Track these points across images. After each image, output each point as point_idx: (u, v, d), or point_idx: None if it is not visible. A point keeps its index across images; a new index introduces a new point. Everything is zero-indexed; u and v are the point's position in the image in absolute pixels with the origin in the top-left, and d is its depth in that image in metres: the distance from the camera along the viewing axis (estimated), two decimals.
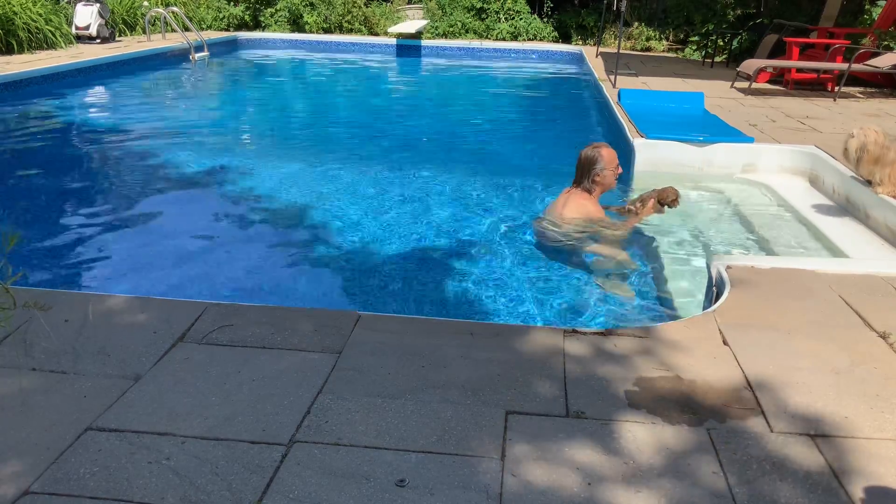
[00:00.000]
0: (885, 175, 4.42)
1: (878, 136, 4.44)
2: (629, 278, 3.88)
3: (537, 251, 4.17)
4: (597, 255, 4.03)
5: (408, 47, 14.52)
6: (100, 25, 12.07)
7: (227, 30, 15.56)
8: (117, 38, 12.91)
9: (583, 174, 4.19)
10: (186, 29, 12.77)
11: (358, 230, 4.60)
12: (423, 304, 3.65)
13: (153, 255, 4.21)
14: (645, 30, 14.78)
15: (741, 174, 5.80)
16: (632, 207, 4.38)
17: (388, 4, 16.18)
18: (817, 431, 2.08)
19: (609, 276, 3.88)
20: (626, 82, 9.20)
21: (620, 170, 4.26)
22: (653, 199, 4.30)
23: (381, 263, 4.12)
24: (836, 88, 8.95)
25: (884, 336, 2.64)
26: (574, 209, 4.12)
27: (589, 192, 4.19)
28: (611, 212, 4.41)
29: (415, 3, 16.52)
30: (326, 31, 15.35)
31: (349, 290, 3.87)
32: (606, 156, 4.15)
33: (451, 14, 15.48)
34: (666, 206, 4.31)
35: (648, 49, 14.57)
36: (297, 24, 15.42)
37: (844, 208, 4.92)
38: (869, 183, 4.64)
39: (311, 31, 15.22)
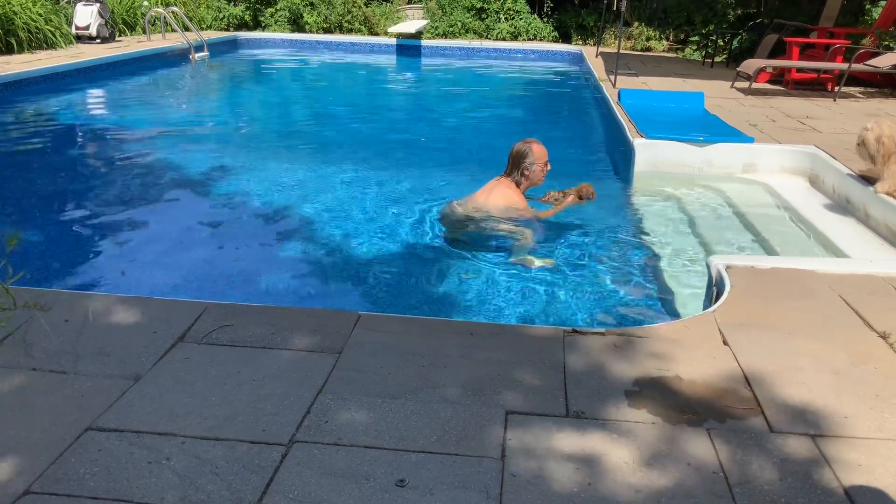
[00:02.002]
0: (892, 173, 4.41)
1: (892, 130, 4.43)
2: (630, 276, 3.89)
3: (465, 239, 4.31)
4: (513, 237, 4.21)
5: (408, 47, 14.52)
6: (100, 25, 12.07)
7: (227, 30, 15.56)
8: (117, 38, 12.91)
9: (513, 167, 4.39)
10: (186, 29, 12.77)
11: (358, 230, 4.60)
12: (424, 304, 3.65)
13: (153, 255, 4.21)
14: (645, 30, 14.78)
15: (741, 174, 5.80)
16: (556, 194, 4.66)
17: (388, 4, 16.18)
18: (817, 431, 2.08)
19: (524, 252, 4.10)
20: (626, 82, 9.20)
21: (549, 166, 4.45)
22: (573, 194, 4.60)
23: (381, 263, 4.12)
24: (837, 88, 8.95)
25: (884, 336, 2.64)
26: (500, 197, 4.32)
27: (517, 184, 4.39)
28: (534, 202, 4.61)
29: (415, 3, 16.52)
30: (326, 31, 15.36)
31: (349, 290, 3.87)
32: (537, 151, 4.36)
33: (451, 14, 15.48)
34: (584, 199, 4.65)
35: (648, 49, 14.57)
36: (297, 24, 15.43)
37: (844, 208, 4.92)
38: (867, 181, 4.64)
39: (311, 31, 15.23)
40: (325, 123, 8.54)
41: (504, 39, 15.11)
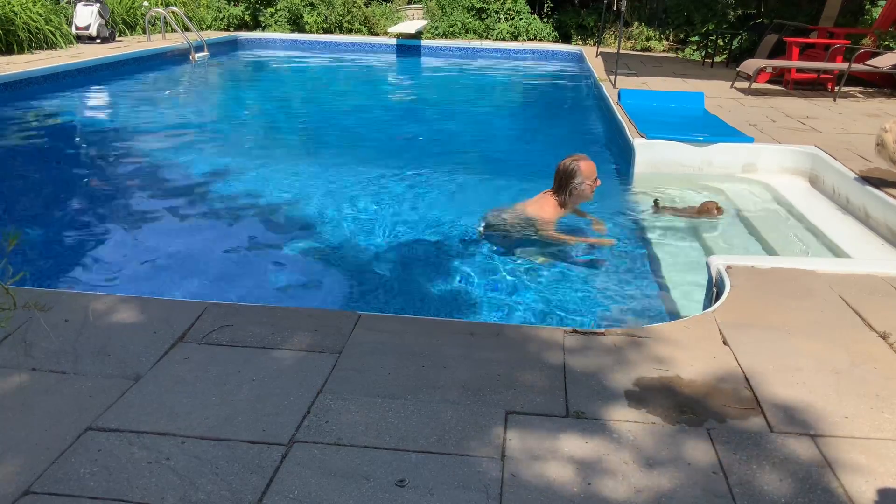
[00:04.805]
0: None
1: None
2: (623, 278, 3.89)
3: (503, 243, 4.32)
4: (539, 245, 4.22)
5: (408, 47, 14.52)
6: (100, 25, 12.07)
7: (227, 30, 15.57)
8: (117, 38, 12.91)
9: (560, 186, 4.26)
10: (186, 29, 12.77)
11: (358, 230, 4.60)
12: (423, 304, 3.65)
13: (153, 255, 4.21)
14: (645, 30, 14.78)
15: (741, 174, 5.80)
16: (673, 208, 4.88)
17: (388, 4, 16.18)
18: (817, 431, 2.08)
19: (543, 255, 4.13)
20: (626, 82, 9.20)
21: (599, 182, 4.31)
22: (693, 210, 4.76)
23: (381, 263, 4.12)
24: (836, 88, 8.95)
25: (884, 336, 2.64)
26: (535, 210, 4.28)
27: (562, 203, 4.27)
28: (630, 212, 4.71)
29: (415, 3, 16.52)
30: (326, 31, 15.35)
31: (349, 290, 3.87)
32: (585, 170, 4.20)
33: (451, 14, 15.48)
34: (704, 216, 4.80)
35: (648, 49, 14.57)
36: (297, 24, 15.43)
37: (844, 208, 4.92)
38: (868, 181, 4.63)
39: (311, 31, 15.23)
40: (325, 123, 8.54)
41: (504, 40, 15.11)
